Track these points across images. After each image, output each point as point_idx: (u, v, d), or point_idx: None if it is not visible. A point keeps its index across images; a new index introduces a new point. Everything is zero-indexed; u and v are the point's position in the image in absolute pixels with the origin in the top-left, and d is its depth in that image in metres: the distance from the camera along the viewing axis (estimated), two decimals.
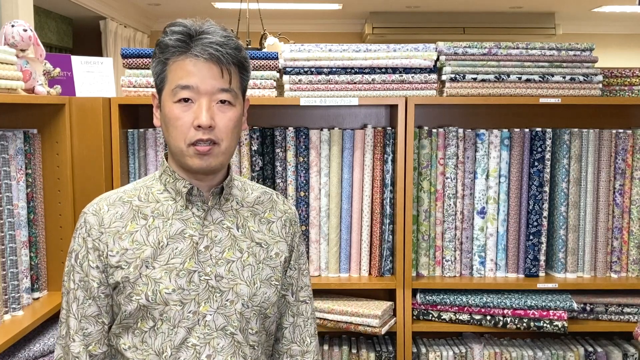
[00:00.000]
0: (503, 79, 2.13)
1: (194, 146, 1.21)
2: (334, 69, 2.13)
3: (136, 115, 2.24)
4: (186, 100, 1.22)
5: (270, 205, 1.40)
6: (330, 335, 2.27)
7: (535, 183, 2.16)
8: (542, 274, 2.20)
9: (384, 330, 2.07)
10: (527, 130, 2.17)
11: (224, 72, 1.22)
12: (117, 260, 1.26)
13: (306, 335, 1.44)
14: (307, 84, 2.13)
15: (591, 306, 2.18)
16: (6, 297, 1.75)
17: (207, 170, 1.25)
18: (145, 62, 2.09)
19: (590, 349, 2.21)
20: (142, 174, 2.14)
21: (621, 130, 2.17)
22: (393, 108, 2.18)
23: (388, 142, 2.14)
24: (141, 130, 2.14)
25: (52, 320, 1.94)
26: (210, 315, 1.26)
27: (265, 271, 1.33)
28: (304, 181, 2.16)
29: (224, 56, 1.21)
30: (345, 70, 2.14)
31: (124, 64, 2.10)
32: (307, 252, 2.18)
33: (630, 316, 2.16)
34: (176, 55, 1.23)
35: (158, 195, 1.31)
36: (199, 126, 1.20)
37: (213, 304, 1.27)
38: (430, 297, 2.15)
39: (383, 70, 2.14)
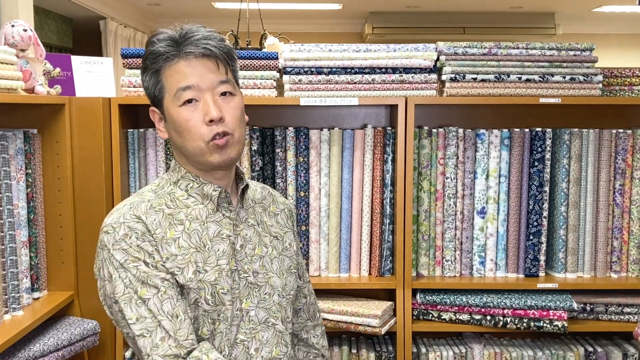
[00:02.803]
0: (503, 79, 2.13)
1: (213, 142, 1.23)
2: (334, 69, 2.13)
3: (136, 115, 2.24)
4: (190, 101, 1.23)
5: (272, 199, 1.46)
6: (330, 335, 2.26)
7: (535, 183, 2.16)
8: (542, 274, 2.20)
9: (384, 330, 2.07)
10: (527, 130, 2.17)
11: (219, 64, 1.25)
12: (170, 267, 1.24)
13: (315, 311, 1.56)
14: (307, 84, 2.13)
15: (591, 306, 2.18)
16: (6, 297, 1.75)
17: (228, 162, 1.27)
18: None
19: (590, 349, 2.21)
20: (142, 174, 2.14)
21: (621, 130, 2.17)
22: (393, 108, 2.18)
23: (388, 142, 2.14)
24: (141, 130, 2.14)
25: (52, 320, 1.94)
26: (253, 310, 1.32)
27: (285, 261, 1.40)
28: (304, 181, 2.16)
29: (214, 48, 1.25)
30: (345, 70, 2.14)
31: (124, 64, 2.10)
32: (307, 252, 2.19)
33: (630, 316, 2.16)
34: (169, 61, 1.24)
35: (185, 201, 1.30)
36: (211, 120, 1.22)
37: (254, 299, 1.32)
38: (430, 297, 2.15)
39: (383, 70, 2.14)
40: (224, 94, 1.25)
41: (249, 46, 5.30)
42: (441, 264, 2.20)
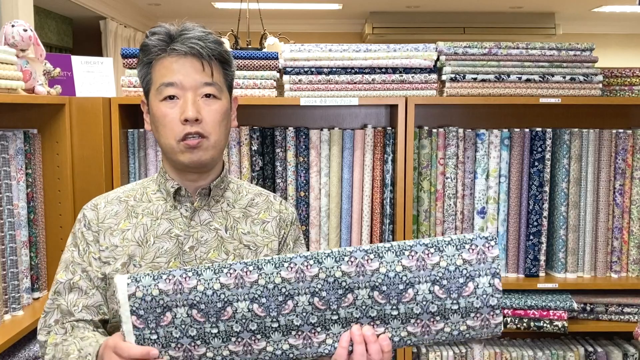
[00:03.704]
0: (503, 79, 2.13)
1: (184, 141, 1.22)
2: (334, 69, 2.13)
3: (136, 115, 2.24)
4: (172, 97, 1.23)
5: (266, 206, 1.39)
6: None
7: (535, 183, 2.16)
8: (542, 274, 2.20)
9: None
10: (527, 130, 2.17)
11: (205, 65, 1.24)
12: (106, 256, 1.28)
13: None
14: (307, 84, 2.13)
15: (591, 306, 2.18)
16: (6, 297, 1.75)
17: (198, 164, 1.25)
18: None
19: (590, 349, 2.21)
20: (142, 174, 2.14)
21: (621, 130, 2.17)
22: (393, 108, 2.18)
23: (388, 142, 2.14)
24: (141, 130, 2.14)
25: None
26: None
27: None
28: (304, 181, 2.16)
29: (203, 49, 1.23)
30: (345, 70, 2.14)
31: (124, 64, 2.10)
32: None
33: (630, 316, 2.16)
34: (158, 55, 1.25)
35: (151, 195, 1.33)
36: (186, 120, 1.21)
37: None
38: None
39: (383, 70, 2.14)
40: (207, 95, 1.24)
41: (249, 46, 5.30)
42: None
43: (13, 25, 1.83)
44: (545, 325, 2.09)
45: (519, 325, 2.10)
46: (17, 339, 1.66)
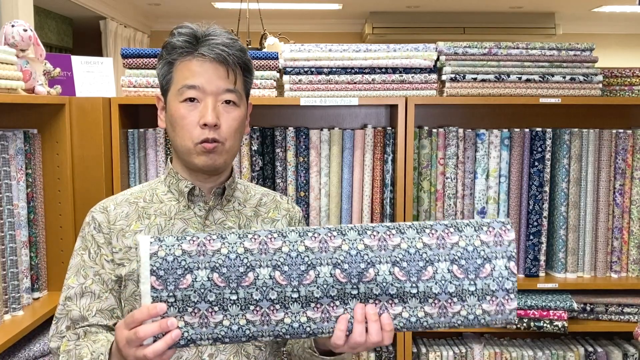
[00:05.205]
0: (503, 79, 2.13)
1: (201, 144, 1.23)
2: (334, 69, 2.13)
3: (136, 115, 2.24)
4: (192, 100, 1.24)
5: (274, 205, 1.41)
6: None
7: (535, 183, 2.16)
8: (542, 274, 2.20)
9: None
10: (527, 130, 2.17)
11: (230, 72, 1.24)
12: (120, 258, 1.28)
13: None
14: (307, 84, 2.13)
15: (591, 306, 2.18)
16: (6, 297, 1.75)
17: (212, 167, 1.26)
18: (145, 62, 2.09)
19: (590, 349, 2.21)
20: (142, 174, 2.14)
21: (621, 130, 2.17)
22: (393, 108, 2.18)
23: (388, 142, 2.14)
24: (141, 130, 2.14)
25: (52, 320, 1.94)
26: None
27: None
28: (304, 181, 2.16)
29: (229, 57, 1.24)
30: (345, 70, 2.14)
31: (124, 64, 2.10)
32: None
33: (630, 316, 2.16)
34: (183, 56, 1.25)
35: (162, 196, 1.33)
36: (205, 125, 1.22)
37: None
38: None
39: (383, 70, 2.14)
40: (227, 102, 1.25)
41: (249, 46, 5.30)
42: None
43: (13, 25, 1.83)
44: (545, 325, 2.09)
45: (519, 325, 2.10)
46: (17, 339, 1.66)
